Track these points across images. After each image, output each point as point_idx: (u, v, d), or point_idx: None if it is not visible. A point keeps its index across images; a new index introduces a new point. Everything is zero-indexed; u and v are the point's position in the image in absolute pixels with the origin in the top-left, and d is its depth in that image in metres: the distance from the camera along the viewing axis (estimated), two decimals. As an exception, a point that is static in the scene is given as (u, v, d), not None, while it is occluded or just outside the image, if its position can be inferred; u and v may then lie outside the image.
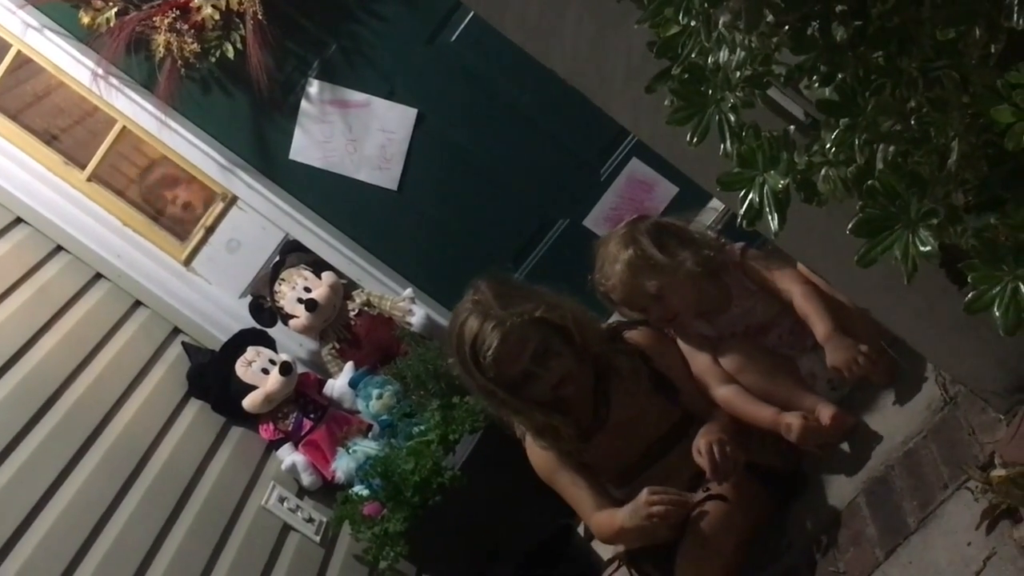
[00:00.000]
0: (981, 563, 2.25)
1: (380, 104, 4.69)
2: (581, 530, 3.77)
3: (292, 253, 4.83)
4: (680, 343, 3.31)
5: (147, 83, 4.64)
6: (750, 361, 3.18)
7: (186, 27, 4.47)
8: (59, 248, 4.60)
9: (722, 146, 1.67)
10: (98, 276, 4.65)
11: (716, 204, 4.38)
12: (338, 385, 4.66)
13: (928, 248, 1.50)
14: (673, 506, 2.95)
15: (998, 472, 2.24)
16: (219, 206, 4.86)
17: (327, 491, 4.45)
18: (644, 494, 2.98)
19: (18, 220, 4.54)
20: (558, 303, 3.15)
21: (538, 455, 3.28)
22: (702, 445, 2.99)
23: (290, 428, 4.53)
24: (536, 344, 3.07)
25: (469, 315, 3.08)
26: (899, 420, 2.84)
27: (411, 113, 4.69)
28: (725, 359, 3.21)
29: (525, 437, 3.31)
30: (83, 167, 4.77)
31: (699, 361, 3.25)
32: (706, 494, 3.00)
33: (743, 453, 2.99)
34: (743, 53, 1.61)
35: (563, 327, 3.11)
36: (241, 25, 4.47)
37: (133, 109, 4.68)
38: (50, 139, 4.81)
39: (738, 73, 1.62)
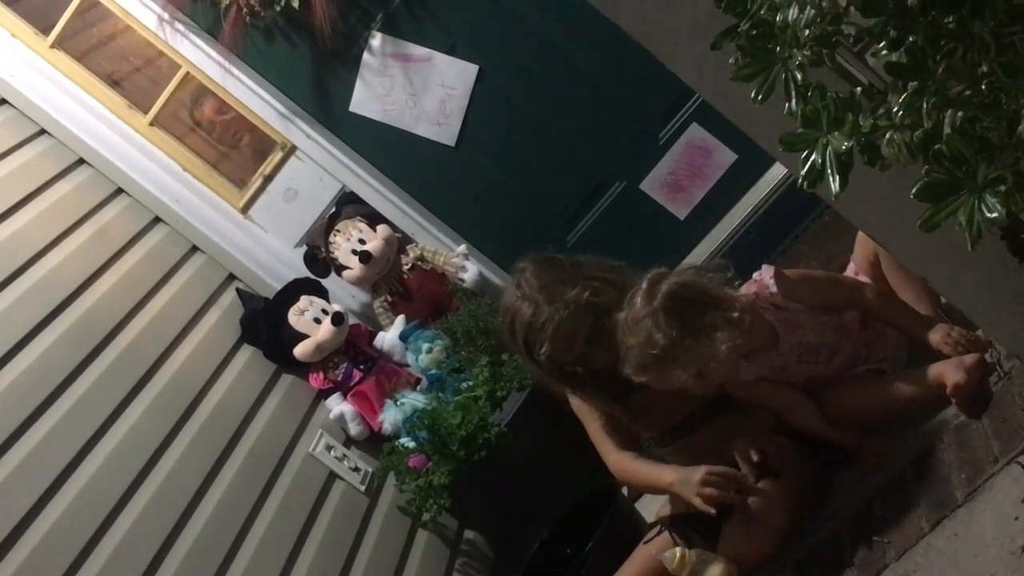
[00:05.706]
0: (1028, 538, 2.24)
1: (441, 59, 4.68)
2: (625, 491, 3.78)
3: (348, 205, 4.86)
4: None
5: (212, 30, 4.66)
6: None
7: (252, -25, 4.49)
8: (120, 190, 4.64)
9: (787, 105, 1.66)
10: (157, 220, 4.69)
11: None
12: (388, 337, 4.69)
13: (995, 215, 1.48)
14: (728, 490, 2.95)
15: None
16: (278, 155, 4.89)
17: (374, 442, 4.49)
18: (702, 471, 2.98)
19: (81, 161, 4.58)
20: (605, 279, 3.12)
21: None
22: (738, 449, 3.02)
23: (339, 378, 4.57)
24: (588, 329, 3.07)
25: (519, 309, 3.09)
26: (951, 394, 2.81)
27: (472, 69, 4.68)
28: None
29: None
30: (146, 111, 4.80)
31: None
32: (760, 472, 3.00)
33: (781, 448, 3.00)
34: (812, 11, 1.60)
35: (611, 308, 3.06)
36: (307, -25, 4.48)
37: (197, 55, 4.71)
38: (114, 82, 4.85)
39: (807, 31, 1.61)
